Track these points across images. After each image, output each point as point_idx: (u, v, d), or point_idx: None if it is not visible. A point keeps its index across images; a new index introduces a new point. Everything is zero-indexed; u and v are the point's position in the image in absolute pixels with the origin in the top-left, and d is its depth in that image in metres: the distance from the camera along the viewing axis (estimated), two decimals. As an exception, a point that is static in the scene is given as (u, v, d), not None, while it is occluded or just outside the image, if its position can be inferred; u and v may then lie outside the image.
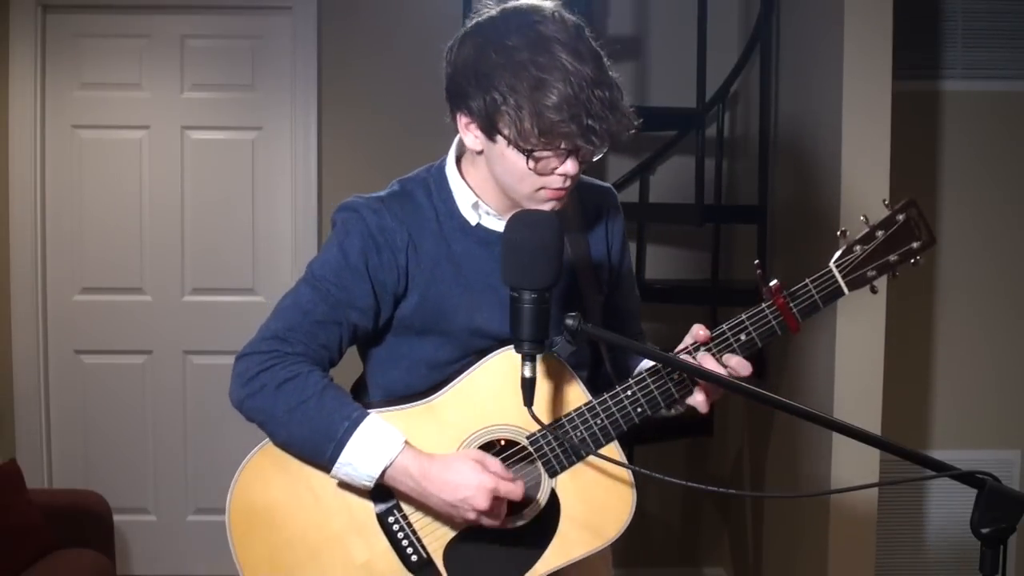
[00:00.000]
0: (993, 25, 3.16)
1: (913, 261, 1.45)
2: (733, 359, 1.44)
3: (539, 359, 1.42)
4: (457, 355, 1.52)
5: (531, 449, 1.49)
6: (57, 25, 3.59)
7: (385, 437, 1.44)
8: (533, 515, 1.50)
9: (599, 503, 1.50)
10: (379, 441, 1.44)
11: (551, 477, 1.50)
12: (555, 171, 1.40)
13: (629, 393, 1.47)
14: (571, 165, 1.39)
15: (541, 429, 1.46)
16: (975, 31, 3.16)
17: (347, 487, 1.49)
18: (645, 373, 1.48)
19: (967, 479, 1.16)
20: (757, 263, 1.51)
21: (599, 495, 1.50)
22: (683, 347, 1.47)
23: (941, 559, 3.21)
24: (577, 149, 1.38)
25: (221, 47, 3.63)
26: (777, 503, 3.19)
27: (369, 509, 1.51)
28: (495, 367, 1.49)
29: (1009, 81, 3.17)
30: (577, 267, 1.58)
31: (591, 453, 1.46)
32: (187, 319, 3.68)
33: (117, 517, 3.17)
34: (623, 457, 1.50)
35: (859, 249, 1.44)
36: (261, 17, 3.62)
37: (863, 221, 1.45)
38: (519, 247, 1.33)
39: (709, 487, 1.38)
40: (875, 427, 2.60)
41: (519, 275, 1.32)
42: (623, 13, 3.63)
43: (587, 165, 1.44)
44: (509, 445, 1.51)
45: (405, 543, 1.50)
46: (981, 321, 3.22)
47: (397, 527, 1.50)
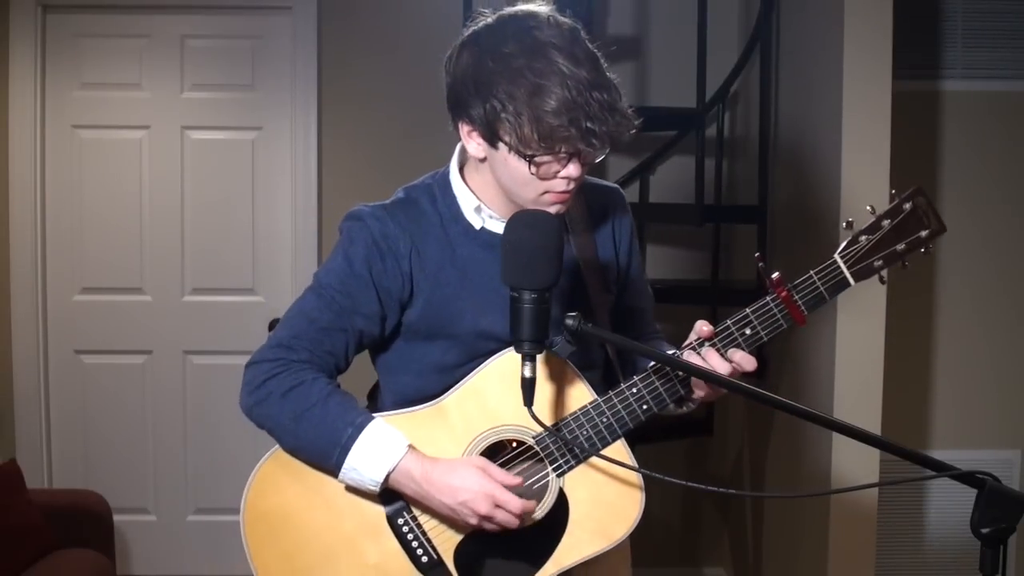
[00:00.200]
0: (993, 25, 3.16)
1: (924, 250, 1.44)
2: (737, 354, 1.44)
3: (544, 359, 1.43)
4: (465, 358, 1.53)
5: (538, 449, 1.50)
6: (57, 25, 3.59)
7: (388, 441, 1.45)
8: (542, 515, 1.50)
9: (608, 502, 1.50)
10: (382, 446, 1.45)
11: (559, 476, 1.50)
12: (558, 175, 1.40)
13: (634, 391, 1.47)
14: (573, 168, 1.40)
15: (544, 429, 1.46)
16: (975, 31, 3.16)
17: (357, 491, 1.50)
18: (650, 370, 1.48)
19: (967, 479, 1.16)
20: (758, 255, 1.51)
21: (607, 494, 1.50)
22: (687, 343, 1.47)
23: (941, 559, 3.21)
24: (578, 152, 1.38)
25: (221, 47, 3.63)
26: (777, 503, 3.19)
27: (379, 511, 1.52)
28: (501, 367, 1.49)
29: (1009, 81, 3.17)
30: (583, 268, 1.58)
31: (595, 453, 1.46)
32: (187, 319, 3.67)
33: (117, 517, 3.17)
34: (631, 456, 1.50)
35: (864, 239, 1.42)
36: (261, 17, 3.63)
37: (869, 211, 1.44)
38: (519, 247, 1.33)
39: (709, 487, 1.38)
40: (875, 427, 2.60)
41: (519, 275, 1.33)
42: (623, 13, 3.63)
43: (590, 167, 1.45)
44: (518, 445, 1.51)
45: (415, 544, 1.51)
46: (981, 321, 3.22)
47: (407, 528, 1.51)
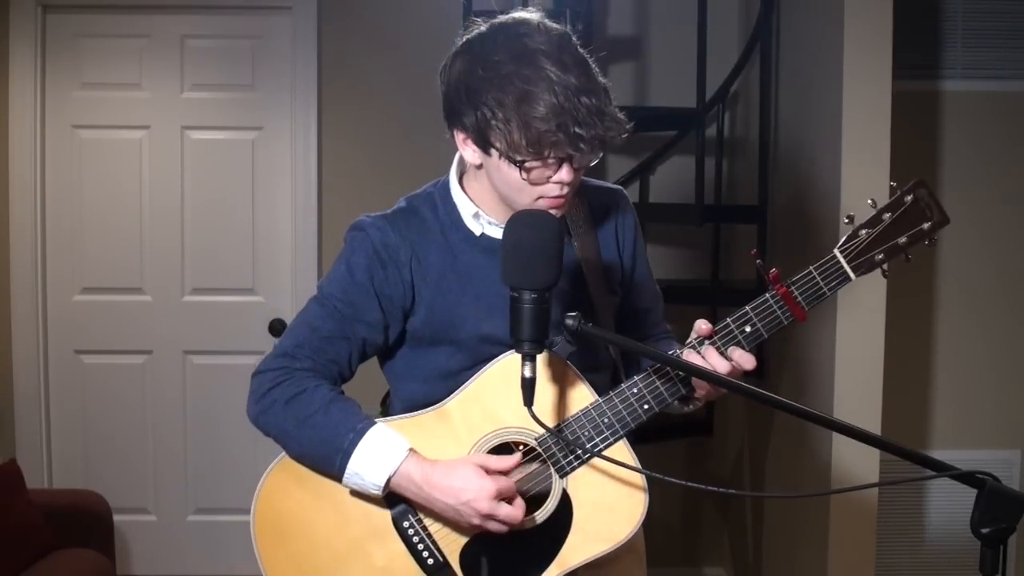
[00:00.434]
0: (993, 25, 3.16)
1: (928, 242, 1.43)
2: (737, 352, 1.44)
3: (546, 361, 1.43)
4: (469, 363, 1.54)
5: (540, 450, 1.50)
6: (57, 25, 3.59)
7: (389, 446, 1.47)
8: (546, 516, 1.50)
9: (611, 503, 1.50)
10: (383, 450, 1.46)
11: (562, 478, 1.50)
12: (550, 180, 1.42)
13: (635, 391, 1.48)
14: (565, 173, 1.41)
15: (545, 431, 1.46)
16: (975, 31, 3.16)
17: (363, 495, 1.52)
18: (651, 370, 1.48)
19: (967, 479, 1.16)
20: (755, 252, 1.51)
21: (611, 495, 1.50)
22: (688, 342, 1.48)
23: (941, 559, 3.21)
24: (569, 157, 1.39)
25: (221, 47, 3.63)
26: (777, 503, 3.19)
27: (385, 514, 1.53)
28: (503, 370, 1.50)
29: (1009, 81, 3.17)
30: (585, 269, 1.59)
31: (597, 453, 1.47)
32: (187, 319, 3.67)
33: (117, 517, 3.17)
34: (633, 456, 1.50)
35: (865, 233, 1.42)
36: (261, 17, 3.63)
37: (870, 205, 1.43)
38: (518, 247, 1.33)
39: (709, 487, 1.37)
40: (875, 427, 2.60)
41: (518, 275, 1.33)
42: (623, 13, 3.63)
43: (584, 170, 1.45)
44: (521, 447, 1.51)
45: (421, 547, 1.52)
46: (981, 321, 3.22)
47: (412, 531, 1.52)
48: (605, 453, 1.46)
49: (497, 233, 1.54)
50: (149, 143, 3.64)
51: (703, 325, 1.46)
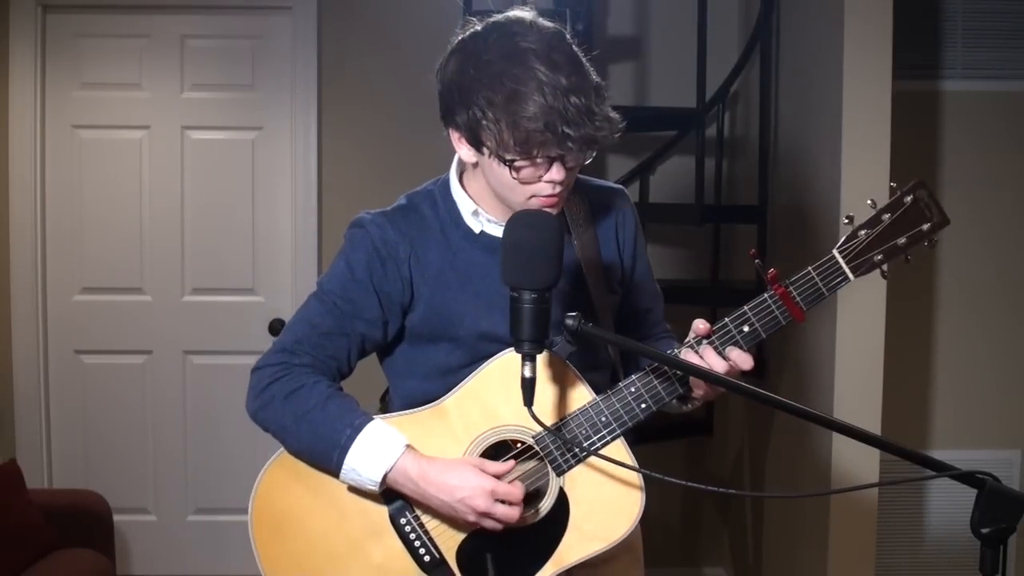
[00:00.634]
0: (993, 25, 3.16)
1: (927, 243, 1.43)
2: (735, 352, 1.44)
3: (544, 360, 1.43)
4: (468, 360, 1.54)
5: (537, 448, 1.50)
6: (57, 25, 3.59)
7: (386, 442, 1.47)
8: (543, 514, 1.50)
9: (608, 501, 1.50)
10: (380, 446, 1.47)
11: (559, 476, 1.50)
12: (541, 179, 1.42)
13: (633, 390, 1.48)
14: (556, 172, 1.41)
15: (543, 429, 1.46)
16: (975, 31, 3.16)
17: (360, 491, 1.52)
18: (649, 369, 1.49)
19: (967, 479, 1.16)
20: (753, 252, 1.51)
21: (608, 493, 1.50)
22: (686, 341, 1.48)
23: (941, 559, 3.21)
24: (559, 157, 1.39)
25: (221, 47, 3.63)
26: (777, 503, 3.19)
27: (383, 511, 1.54)
28: (501, 368, 1.50)
29: (1009, 81, 3.17)
30: (585, 268, 1.59)
31: (594, 452, 1.47)
32: (187, 319, 3.67)
33: (117, 517, 3.17)
34: (631, 455, 1.50)
35: (864, 234, 1.41)
36: (261, 17, 3.63)
37: (870, 205, 1.43)
38: (518, 247, 1.33)
39: (709, 487, 1.37)
40: (875, 427, 2.60)
41: (518, 275, 1.33)
42: (623, 13, 3.63)
43: (578, 169, 1.46)
44: (518, 445, 1.52)
45: (418, 544, 1.52)
46: (981, 321, 3.22)
47: (409, 528, 1.52)
48: (603, 452, 1.46)
49: (496, 231, 1.54)
50: (149, 143, 3.64)
51: (701, 325, 1.46)
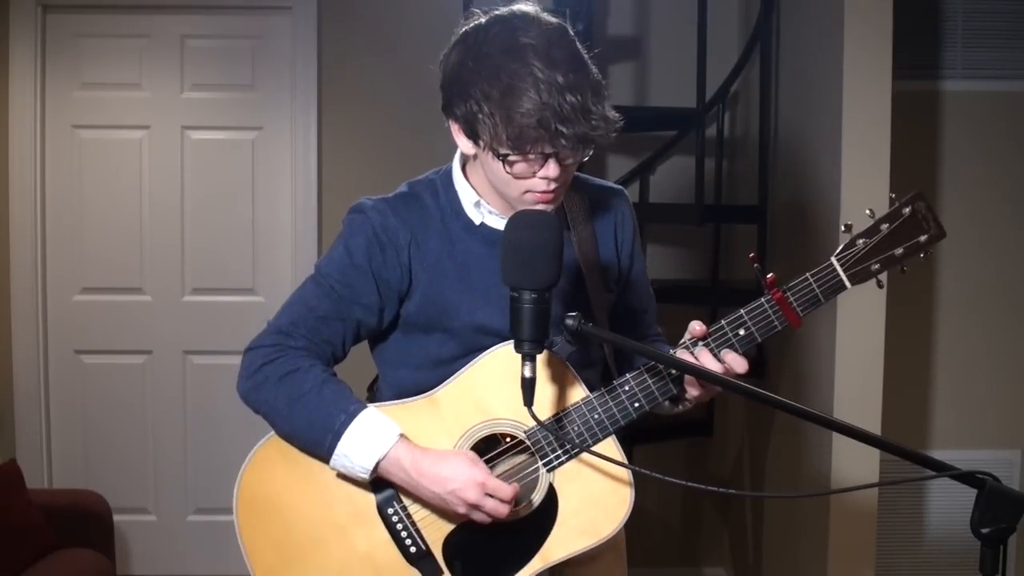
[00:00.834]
0: (993, 25, 3.16)
1: (922, 255, 1.44)
2: (729, 355, 1.45)
3: (543, 359, 1.43)
4: (461, 352, 1.53)
5: (529, 443, 1.50)
6: (57, 25, 3.59)
7: (380, 430, 1.47)
8: (531, 509, 1.50)
9: (596, 498, 1.50)
10: (374, 434, 1.46)
11: (549, 472, 1.51)
12: (536, 175, 1.42)
13: (627, 388, 1.49)
14: (551, 169, 1.41)
15: (537, 425, 1.47)
16: (975, 31, 3.16)
17: (349, 479, 1.51)
18: (643, 368, 1.49)
19: (967, 479, 1.16)
20: (752, 256, 1.51)
21: (597, 491, 1.50)
22: (681, 343, 1.48)
23: (941, 559, 3.21)
24: (553, 154, 1.39)
25: (221, 47, 3.63)
26: (777, 503, 3.19)
27: (370, 500, 1.53)
28: (496, 361, 1.50)
29: (1009, 81, 3.17)
30: (584, 267, 1.59)
31: (587, 449, 1.47)
32: (187, 319, 3.68)
33: (117, 517, 3.16)
34: (621, 453, 1.51)
35: (862, 243, 1.42)
36: (261, 17, 3.63)
37: (868, 215, 1.44)
38: (518, 247, 1.33)
39: (709, 487, 1.38)
40: (875, 427, 2.60)
41: (519, 275, 1.33)
42: (623, 13, 3.63)
43: (575, 167, 1.46)
44: (510, 440, 1.52)
45: (404, 534, 1.52)
46: (981, 321, 3.22)
47: (396, 518, 1.52)
48: (594, 449, 1.47)
49: (497, 223, 1.54)
50: (149, 143, 3.64)
51: (697, 326, 1.46)
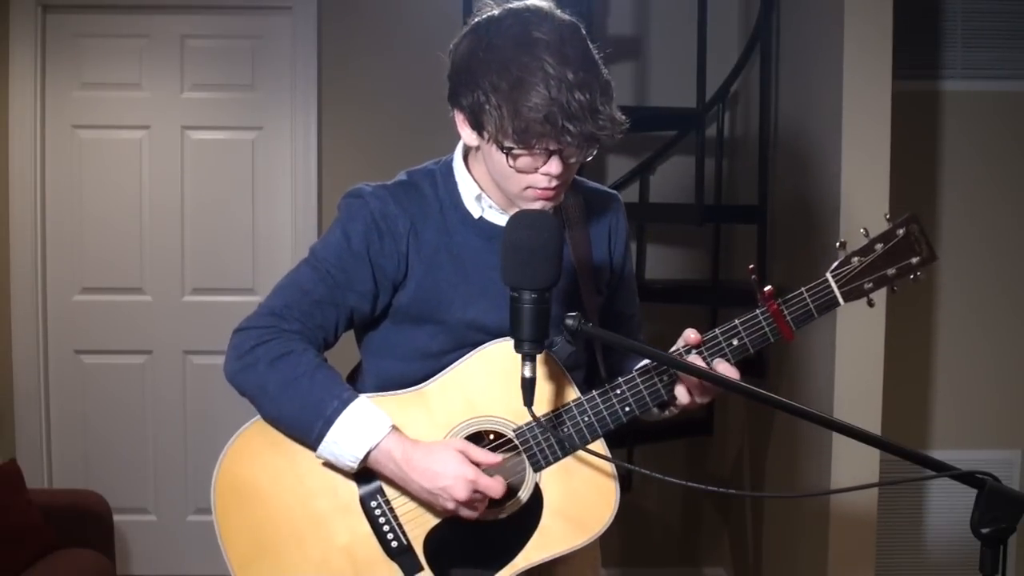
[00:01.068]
0: (993, 25, 3.16)
1: (913, 276, 1.46)
2: (721, 365, 1.45)
3: (539, 359, 1.43)
4: (451, 346, 1.53)
5: (517, 442, 1.50)
6: (57, 25, 3.59)
7: (373, 419, 1.45)
8: (515, 508, 1.50)
9: (582, 499, 1.50)
10: (367, 423, 1.45)
11: (536, 471, 1.51)
12: (538, 171, 1.41)
13: (618, 392, 1.49)
14: (554, 165, 1.40)
15: (529, 423, 1.47)
16: (975, 31, 3.15)
17: (333, 469, 1.50)
18: (635, 373, 1.49)
19: (967, 479, 1.16)
20: (752, 268, 1.51)
21: (582, 491, 1.51)
22: (674, 350, 1.48)
23: (941, 559, 3.21)
24: (557, 150, 1.38)
25: (221, 47, 3.63)
26: (777, 503, 3.19)
27: (353, 492, 1.51)
28: (487, 359, 1.50)
29: (1009, 81, 3.17)
30: (578, 268, 1.59)
31: (575, 449, 1.47)
32: (187, 319, 3.68)
33: (117, 517, 3.16)
34: (609, 456, 1.51)
35: (857, 261, 1.45)
36: (261, 17, 3.63)
37: (863, 233, 1.46)
38: (519, 247, 1.33)
39: (709, 487, 1.38)
40: (875, 427, 2.59)
41: (519, 275, 1.33)
42: (623, 13, 3.63)
43: (577, 166, 1.45)
44: (497, 437, 1.52)
45: (386, 528, 1.51)
46: (981, 321, 3.22)
47: (379, 512, 1.51)
48: (586, 448, 1.47)
49: (497, 218, 1.53)
50: (149, 143, 3.64)
51: (692, 334, 1.47)
